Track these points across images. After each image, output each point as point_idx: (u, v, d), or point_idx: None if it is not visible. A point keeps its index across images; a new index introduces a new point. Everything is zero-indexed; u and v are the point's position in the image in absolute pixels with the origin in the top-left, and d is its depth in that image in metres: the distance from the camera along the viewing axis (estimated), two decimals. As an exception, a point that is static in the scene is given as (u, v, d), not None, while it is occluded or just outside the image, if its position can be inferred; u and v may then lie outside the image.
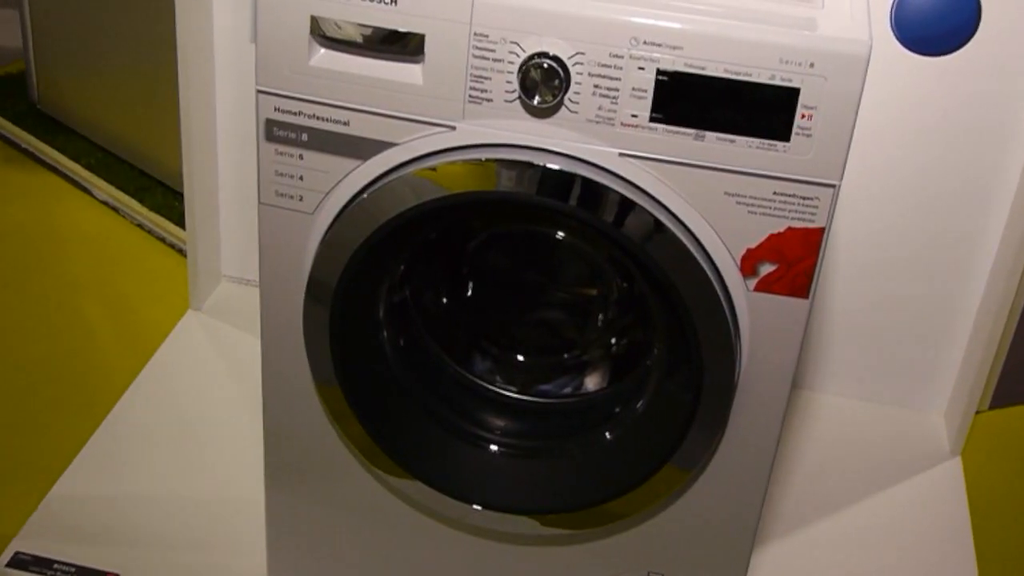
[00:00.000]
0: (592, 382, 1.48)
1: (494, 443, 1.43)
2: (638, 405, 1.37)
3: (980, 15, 1.68)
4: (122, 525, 1.67)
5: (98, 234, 2.32)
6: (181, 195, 2.04)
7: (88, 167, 2.45)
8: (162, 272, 2.22)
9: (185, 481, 1.75)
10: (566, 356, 1.49)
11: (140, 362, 1.96)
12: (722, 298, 1.23)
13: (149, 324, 2.07)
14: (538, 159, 1.21)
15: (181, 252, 2.22)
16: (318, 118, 1.24)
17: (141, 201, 2.35)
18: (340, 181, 1.27)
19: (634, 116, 1.18)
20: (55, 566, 1.60)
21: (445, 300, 1.47)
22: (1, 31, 2.93)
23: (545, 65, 1.16)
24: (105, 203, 2.39)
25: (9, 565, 1.59)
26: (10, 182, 2.45)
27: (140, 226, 2.33)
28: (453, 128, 1.22)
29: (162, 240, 2.29)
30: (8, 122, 2.58)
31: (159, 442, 1.82)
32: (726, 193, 1.20)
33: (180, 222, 2.18)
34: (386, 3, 1.18)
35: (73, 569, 1.60)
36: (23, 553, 1.61)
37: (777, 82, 1.15)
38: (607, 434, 1.39)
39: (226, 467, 1.77)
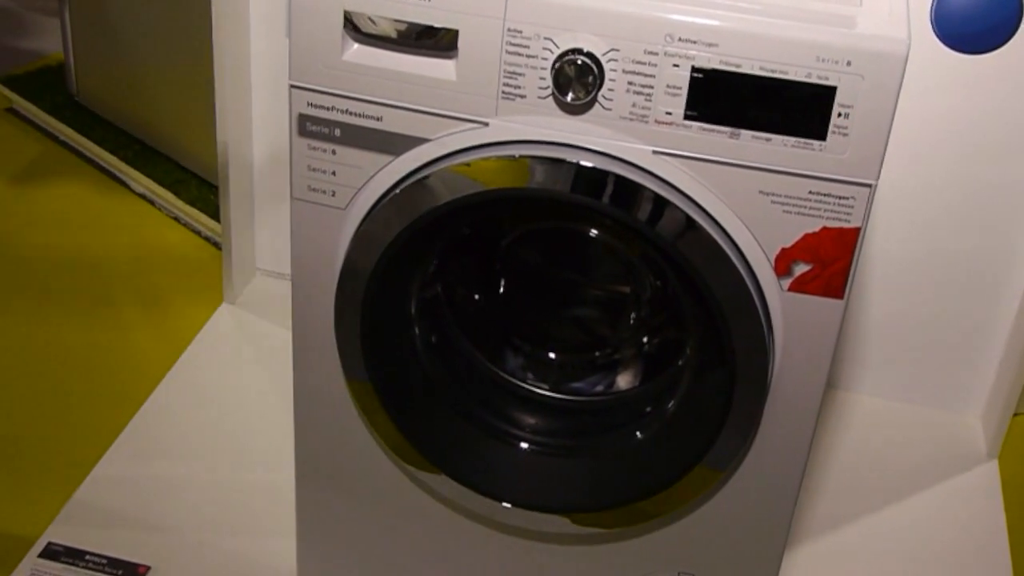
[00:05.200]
0: (624, 381, 1.47)
1: (525, 440, 1.42)
2: (670, 404, 1.36)
3: (1022, 12, 1.66)
4: (154, 517, 1.68)
5: (134, 226, 2.33)
6: (217, 188, 2.05)
7: (125, 159, 2.46)
8: (197, 265, 2.23)
9: (217, 474, 1.75)
10: (598, 354, 1.48)
11: (174, 354, 1.97)
12: (755, 298, 1.22)
13: (183, 317, 2.08)
14: (571, 156, 1.20)
15: (216, 245, 2.23)
16: (351, 113, 1.24)
17: (177, 194, 2.36)
18: (372, 176, 1.27)
19: (668, 114, 1.17)
20: (87, 557, 1.60)
21: (477, 297, 1.47)
22: (40, 24, 2.96)
23: (579, 61, 1.15)
24: (142, 195, 2.40)
25: (42, 555, 1.60)
26: (48, 174, 2.47)
27: (176, 219, 2.34)
28: (486, 124, 1.22)
29: (198, 233, 2.30)
30: (47, 114, 2.60)
31: (192, 435, 1.82)
32: (761, 192, 1.19)
33: (216, 215, 2.19)
34: (420, -2, 1.18)
35: (105, 560, 1.60)
36: (56, 543, 1.62)
37: (814, 80, 1.13)
38: (639, 433, 1.38)
39: (258, 461, 1.78)
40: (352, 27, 1.20)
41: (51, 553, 1.61)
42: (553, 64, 1.17)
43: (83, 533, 1.64)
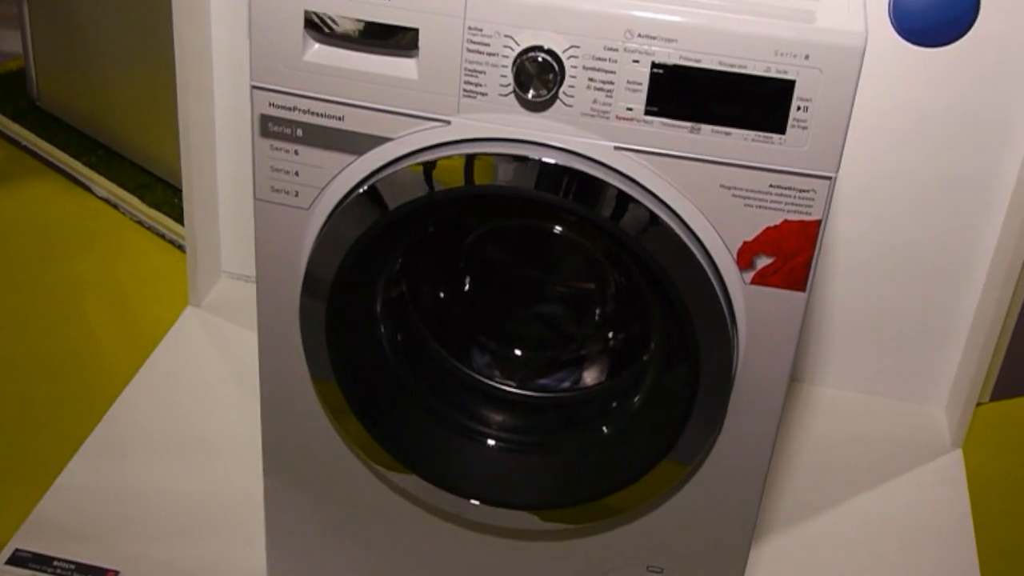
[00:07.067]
0: (590, 376, 1.47)
1: (492, 438, 1.43)
2: (636, 399, 1.37)
3: (979, 5, 1.67)
4: (122, 522, 1.67)
5: (98, 231, 2.32)
6: (181, 192, 2.04)
7: (88, 164, 2.45)
8: (162, 268, 2.22)
9: (184, 477, 1.75)
10: (564, 351, 1.48)
11: (140, 358, 1.96)
12: (718, 291, 1.23)
13: (149, 320, 2.08)
14: (534, 153, 1.20)
15: (181, 248, 2.23)
16: (313, 113, 1.24)
17: (141, 198, 2.36)
18: (335, 176, 1.27)
19: (629, 109, 1.18)
20: (55, 563, 1.60)
21: (442, 295, 1.47)
22: (0, 29, 2.94)
23: (539, 59, 1.16)
24: (105, 200, 2.39)
25: (8, 562, 1.59)
26: (10, 180, 2.45)
27: (140, 223, 2.33)
28: (448, 123, 1.22)
29: (162, 237, 2.29)
30: (8, 120, 2.58)
31: (159, 439, 1.82)
32: (722, 186, 1.20)
33: (180, 219, 2.18)
34: (380, -3, 1.18)
35: (72, 566, 1.60)
36: (23, 550, 1.61)
37: (772, 74, 1.14)
38: (605, 428, 1.39)
39: (225, 463, 1.77)
40: (313, 27, 1.20)
41: (18, 560, 1.60)
42: (514, 61, 1.17)
43: (50, 539, 1.63)
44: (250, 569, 1.60)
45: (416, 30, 1.18)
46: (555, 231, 1.37)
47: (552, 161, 1.20)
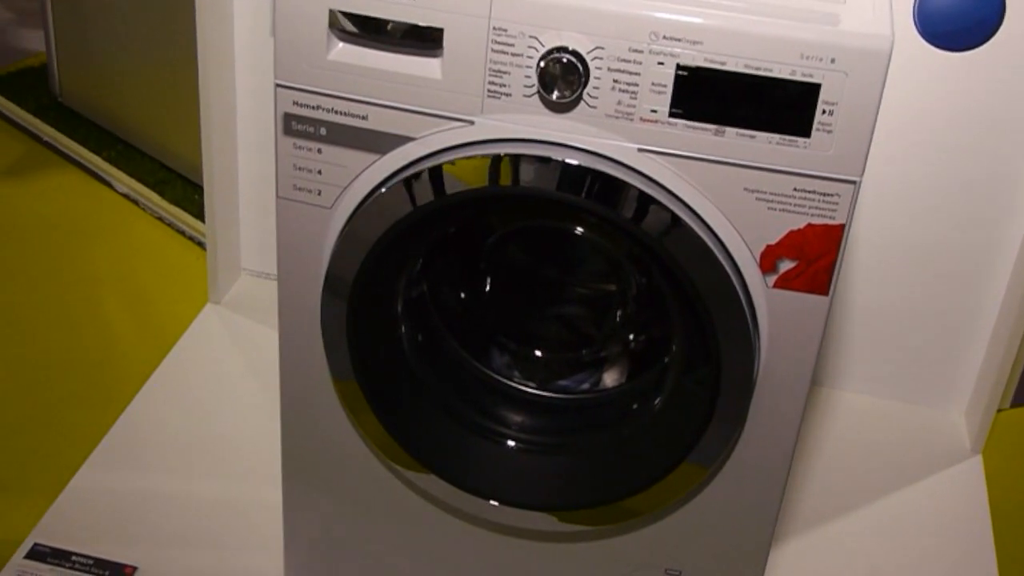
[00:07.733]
0: (610, 378, 1.47)
1: (511, 439, 1.43)
2: (656, 402, 1.36)
3: (1004, 9, 1.66)
4: (140, 518, 1.67)
5: (118, 227, 2.33)
6: (202, 188, 2.04)
7: (109, 160, 2.46)
8: (182, 265, 2.22)
9: (203, 475, 1.75)
10: (584, 352, 1.48)
11: (159, 355, 1.97)
12: (741, 295, 1.22)
13: (168, 317, 2.08)
14: (557, 154, 1.20)
15: (201, 245, 2.23)
16: (336, 112, 1.24)
17: (162, 194, 2.36)
18: (358, 175, 1.27)
19: (653, 111, 1.17)
20: (73, 558, 1.60)
21: (463, 295, 1.47)
22: (23, 24, 2.95)
23: (564, 60, 1.16)
24: (126, 196, 2.39)
25: (28, 557, 1.60)
26: (32, 175, 2.46)
27: (160, 219, 2.33)
28: (471, 123, 1.22)
29: (182, 233, 2.29)
30: (30, 115, 2.59)
31: (177, 436, 1.82)
32: (746, 189, 1.19)
33: (200, 215, 2.19)
34: (405, -3, 1.18)
35: (91, 561, 1.60)
36: (42, 545, 1.62)
37: (798, 78, 1.14)
38: (625, 430, 1.39)
39: (244, 461, 1.77)
40: (337, 26, 1.20)
41: (37, 554, 1.60)
42: (538, 62, 1.17)
43: (69, 534, 1.63)
44: (268, 567, 1.60)
45: (441, 30, 1.18)
46: (577, 232, 1.37)
47: (575, 162, 1.20)
